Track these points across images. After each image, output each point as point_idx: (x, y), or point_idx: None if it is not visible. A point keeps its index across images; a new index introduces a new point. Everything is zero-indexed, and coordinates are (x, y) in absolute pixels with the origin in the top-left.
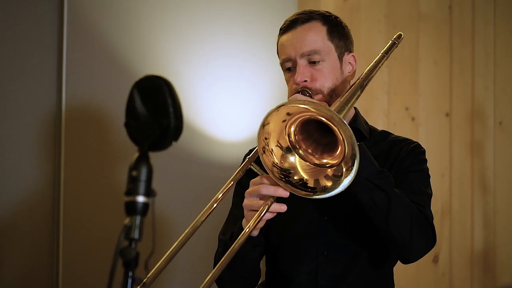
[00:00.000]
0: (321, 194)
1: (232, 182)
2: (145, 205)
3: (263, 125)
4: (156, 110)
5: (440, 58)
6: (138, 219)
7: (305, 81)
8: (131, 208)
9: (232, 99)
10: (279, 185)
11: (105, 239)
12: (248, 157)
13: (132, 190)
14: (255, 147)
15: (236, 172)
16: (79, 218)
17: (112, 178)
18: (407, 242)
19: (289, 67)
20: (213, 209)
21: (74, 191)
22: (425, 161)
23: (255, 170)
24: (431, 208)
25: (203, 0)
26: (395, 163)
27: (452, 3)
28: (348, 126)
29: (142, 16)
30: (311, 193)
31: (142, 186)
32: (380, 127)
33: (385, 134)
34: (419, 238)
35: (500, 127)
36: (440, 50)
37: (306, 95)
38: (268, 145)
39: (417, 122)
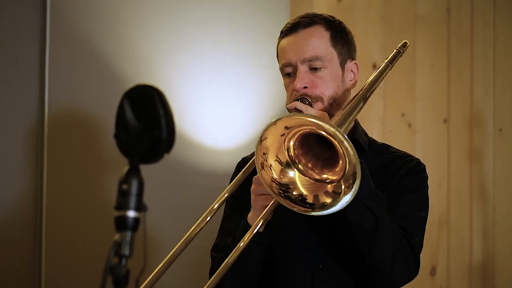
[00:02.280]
0: (319, 211)
1: (227, 194)
2: (136, 220)
3: (261, 140)
4: (147, 121)
5: (437, 61)
6: (128, 235)
7: (305, 87)
8: (121, 223)
9: (222, 105)
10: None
11: (91, 253)
12: (244, 169)
13: (122, 205)
14: (249, 155)
15: (232, 183)
16: (63, 231)
17: (98, 188)
18: (386, 270)
19: (289, 73)
20: (207, 221)
21: (58, 202)
22: (425, 179)
23: None
24: (424, 233)
25: (190, 3)
26: (393, 180)
27: (450, 4)
28: (351, 145)
29: (128, 20)
30: (310, 209)
31: (133, 200)
32: (375, 134)
33: (385, 147)
34: (399, 268)
35: (500, 134)
36: (437, 54)
37: (305, 103)
38: (266, 161)
39: (413, 128)
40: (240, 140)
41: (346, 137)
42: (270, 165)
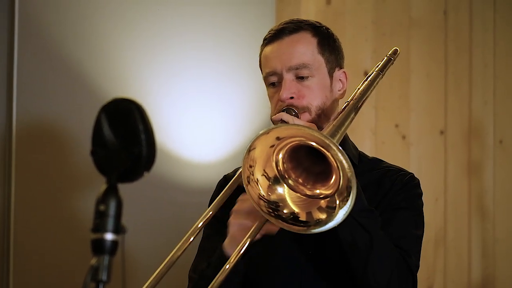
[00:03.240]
0: (315, 228)
1: (211, 212)
2: (114, 244)
3: (249, 150)
4: (126, 137)
5: (433, 68)
6: (106, 259)
7: (291, 97)
8: (98, 246)
9: (202, 117)
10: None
11: (62, 274)
12: (228, 184)
13: (99, 227)
14: (231, 173)
15: (216, 200)
16: (31, 250)
17: (70, 205)
18: None
19: (273, 82)
20: (190, 242)
21: (26, 220)
22: (420, 195)
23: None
24: (420, 251)
25: (169, 7)
26: (386, 196)
27: (447, 7)
28: (347, 157)
29: (102, 26)
30: (305, 228)
31: (110, 222)
32: (367, 146)
33: (376, 161)
34: None
35: (501, 146)
36: (433, 60)
37: (291, 114)
38: (253, 174)
39: (408, 140)
40: (222, 154)
41: (340, 148)
42: (257, 179)
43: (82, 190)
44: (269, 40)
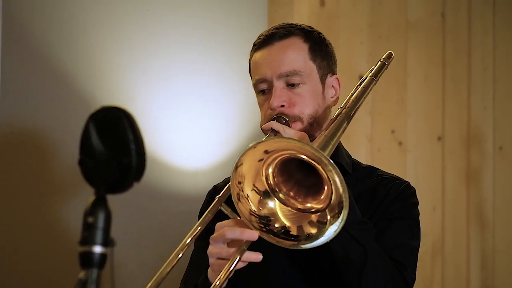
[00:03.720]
0: (306, 243)
1: (200, 227)
2: (103, 257)
3: (236, 166)
4: (115, 147)
5: (431, 72)
6: (94, 272)
7: (282, 106)
8: (86, 260)
9: (192, 122)
10: (248, 227)
11: (43, 282)
12: (217, 197)
13: (87, 239)
14: (220, 183)
15: (205, 214)
16: (11, 257)
17: (52, 211)
18: None
19: (263, 89)
20: (179, 258)
21: (7, 226)
22: (416, 204)
23: (226, 212)
24: (416, 262)
25: (158, 9)
26: (381, 205)
27: (445, 9)
28: (339, 172)
29: (88, 27)
30: (296, 242)
31: (99, 235)
32: (362, 153)
33: (371, 169)
34: None
35: (500, 153)
36: (431, 64)
37: (282, 123)
38: (242, 191)
39: (404, 147)
40: (213, 161)
41: (332, 162)
42: (247, 195)
43: (65, 196)
44: (258, 45)
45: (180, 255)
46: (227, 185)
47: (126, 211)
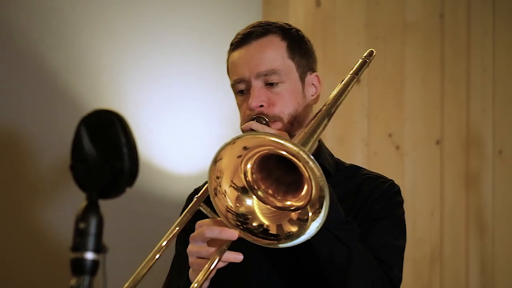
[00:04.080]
0: (286, 242)
1: (177, 228)
2: (95, 263)
3: (215, 161)
4: (107, 151)
5: (429, 75)
6: (86, 279)
7: (261, 106)
8: (78, 266)
9: (185, 125)
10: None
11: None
12: (196, 196)
13: (79, 245)
14: (203, 185)
15: (183, 215)
16: None
17: (31, 217)
18: None
19: (241, 90)
20: (156, 260)
21: None
22: (401, 203)
23: (205, 212)
24: (402, 262)
25: (149, 10)
26: (365, 205)
27: (443, 10)
28: (318, 165)
29: (77, 27)
30: (275, 241)
31: (91, 241)
32: (358, 156)
33: (354, 169)
34: None
35: (500, 157)
36: (429, 66)
37: (262, 123)
38: (220, 186)
39: (402, 151)
40: (205, 165)
41: (311, 157)
42: (225, 191)
43: (45, 198)
44: (236, 45)
45: (157, 256)
46: (206, 185)
47: (117, 217)
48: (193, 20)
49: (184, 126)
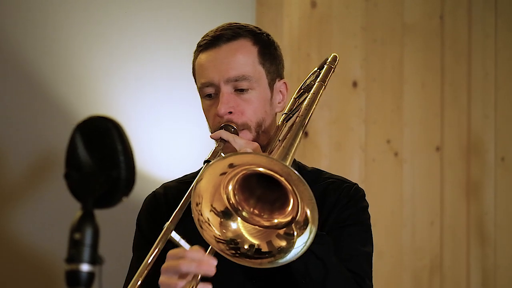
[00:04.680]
0: (282, 257)
1: (153, 256)
2: (91, 275)
3: (197, 182)
4: (103, 159)
5: (429, 79)
6: None
7: (230, 112)
8: (73, 278)
9: (177, 132)
10: (204, 258)
11: None
12: (166, 225)
13: (74, 257)
14: (159, 189)
15: (154, 246)
16: None
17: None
18: None
19: (209, 94)
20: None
21: None
22: (366, 208)
23: (176, 242)
24: (372, 269)
25: (139, 11)
26: (332, 212)
27: (443, 11)
28: (308, 187)
29: (65, 31)
30: (272, 258)
31: (86, 252)
32: (355, 163)
33: (317, 173)
34: None
35: (502, 164)
36: (429, 70)
37: (231, 131)
38: (201, 214)
39: (401, 157)
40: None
41: (301, 178)
42: (208, 219)
43: (13, 205)
44: (204, 46)
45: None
46: (175, 211)
47: (105, 227)
48: (182, 22)
49: (174, 132)
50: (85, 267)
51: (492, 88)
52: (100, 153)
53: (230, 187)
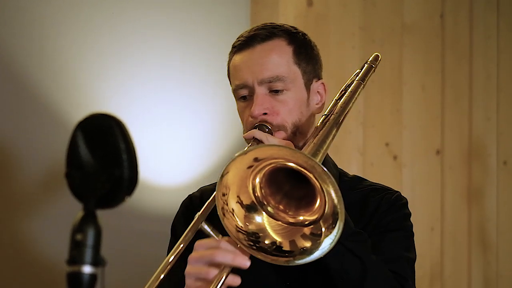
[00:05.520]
0: (302, 258)
1: (182, 244)
2: (93, 277)
3: (222, 175)
4: (105, 158)
5: (429, 80)
6: None
7: (265, 113)
8: (75, 281)
9: (168, 135)
10: (240, 250)
11: None
12: (198, 214)
13: (76, 258)
14: (196, 193)
15: (185, 233)
16: None
17: (13, 228)
18: None
19: (244, 95)
20: (160, 280)
21: None
22: (409, 215)
23: (206, 232)
24: (415, 273)
25: (131, 10)
26: (372, 218)
27: (444, 11)
28: (333, 180)
29: (54, 31)
30: (291, 258)
31: (88, 253)
32: (353, 167)
33: (358, 180)
34: None
35: (505, 168)
36: (429, 71)
37: (265, 131)
38: (227, 204)
39: (400, 161)
40: (191, 177)
41: (326, 171)
42: (232, 209)
43: (27, 209)
44: (238, 47)
45: (162, 276)
46: (208, 200)
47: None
48: (175, 21)
49: (166, 135)
50: (87, 269)
51: (494, 90)
52: (102, 151)
53: (257, 180)
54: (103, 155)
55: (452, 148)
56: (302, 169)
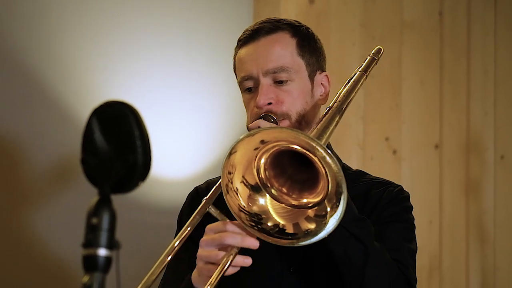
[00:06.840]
0: (305, 240)
1: (189, 228)
2: (108, 260)
3: (230, 153)
4: (120, 144)
5: (428, 76)
6: (99, 276)
7: (269, 103)
8: (91, 263)
9: (172, 128)
10: (246, 232)
11: None
12: (205, 198)
13: (91, 241)
14: (202, 185)
15: (193, 216)
16: None
17: (21, 222)
18: None
19: (249, 87)
20: (166, 264)
21: None
22: (411, 208)
23: (214, 215)
24: (415, 266)
25: (134, 9)
26: (374, 210)
27: (442, 8)
28: (335, 160)
29: (60, 28)
30: (294, 240)
31: (104, 236)
32: (353, 161)
33: (361, 174)
34: None
35: (502, 162)
36: (428, 67)
37: (270, 121)
38: (232, 182)
39: (399, 155)
40: (195, 170)
41: (328, 150)
42: (236, 188)
43: (35, 203)
44: (244, 41)
45: (169, 258)
46: (215, 186)
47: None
48: (180, 18)
49: (169, 129)
50: (102, 252)
51: (491, 85)
52: (117, 138)
53: (262, 161)
54: (117, 141)
55: (450, 142)
56: (306, 151)
